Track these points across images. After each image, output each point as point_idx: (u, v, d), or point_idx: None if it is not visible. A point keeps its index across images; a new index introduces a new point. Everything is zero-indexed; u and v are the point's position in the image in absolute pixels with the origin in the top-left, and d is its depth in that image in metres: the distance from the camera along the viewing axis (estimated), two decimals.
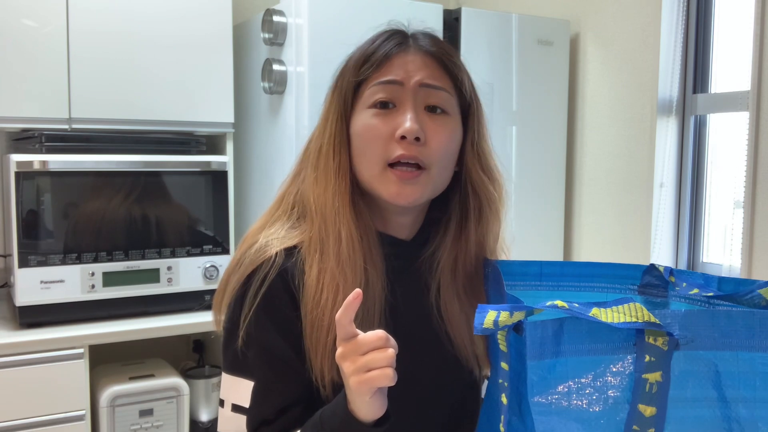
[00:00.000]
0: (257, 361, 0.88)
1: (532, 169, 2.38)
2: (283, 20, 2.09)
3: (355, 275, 0.86)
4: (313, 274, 0.87)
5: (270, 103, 2.23)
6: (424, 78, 0.88)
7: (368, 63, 0.89)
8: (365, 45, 0.92)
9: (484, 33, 2.24)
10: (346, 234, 0.87)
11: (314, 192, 0.90)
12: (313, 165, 0.92)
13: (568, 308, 0.65)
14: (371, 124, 0.88)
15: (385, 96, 0.88)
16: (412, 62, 0.89)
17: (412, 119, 0.86)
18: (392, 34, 0.92)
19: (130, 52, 2.11)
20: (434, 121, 0.89)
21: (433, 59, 0.90)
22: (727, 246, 1.99)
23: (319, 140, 0.92)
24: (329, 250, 0.87)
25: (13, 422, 1.84)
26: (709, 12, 2.14)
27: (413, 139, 0.86)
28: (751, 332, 0.66)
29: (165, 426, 2.08)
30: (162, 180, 2.11)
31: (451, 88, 0.91)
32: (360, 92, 0.90)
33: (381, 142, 0.87)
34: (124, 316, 2.06)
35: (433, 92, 0.88)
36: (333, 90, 0.93)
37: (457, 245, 0.95)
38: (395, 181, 0.87)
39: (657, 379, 0.66)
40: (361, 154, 0.89)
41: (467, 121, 0.94)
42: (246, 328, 0.88)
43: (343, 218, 0.88)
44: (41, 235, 1.95)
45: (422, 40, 0.92)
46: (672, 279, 0.89)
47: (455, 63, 0.92)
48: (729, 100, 2.05)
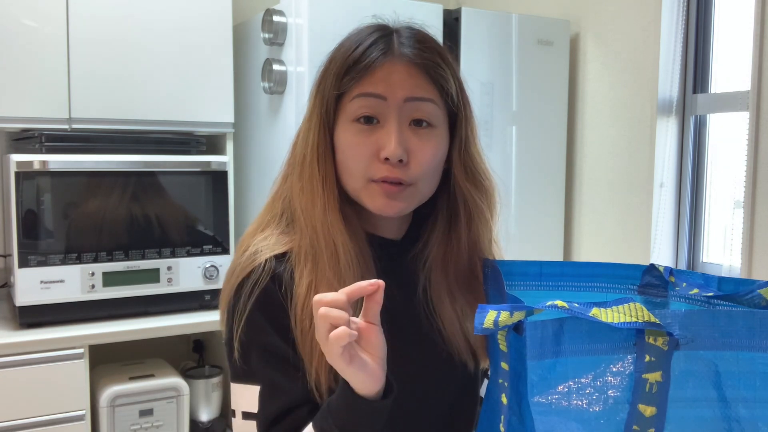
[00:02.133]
0: (259, 364, 0.87)
1: (532, 169, 2.38)
2: (283, 20, 2.09)
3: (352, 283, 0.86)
4: (303, 284, 0.86)
5: (270, 103, 2.23)
6: (408, 92, 0.85)
7: (350, 74, 0.86)
8: (347, 48, 0.88)
9: (484, 33, 2.24)
10: (341, 246, 0.86)
11: (301, 202, 0.89)
12: (298, 173, 0.90)
13: (568, 308, 0.65)
14: (354, 141, 0.86)
15: (368, 111, 0.85)
16: (397, 73, 0.85)
17: (396, 141, 0.84)
18: (376, 38, 0.87)
19: (130, 52, 2.11)
20: (419, 137, 0.86)
21: (418, 68, 0.86)
22: (727, 246, 1.99)
23: (303, 148, 0.90)
24: (323, 262, 0.86)
25: (13, 422, 1.84)
26: (709, 12, 2.14)
27: (396, 161, 0.85)
28: (752, 332, 0.66)
29: (165, 426, 2.08)
30: (162, 180, 2.11)
31: (437, 98, 0.88)
32: (342, 101, 0.87)
33: (364, 160, 0.86)
34: (124, 316, 2.06)
35: (418, 105, 0.86)
36: (315, 92, 0.90)
37: (446, 241, 0.94)
38: (380, 194, 0.86)
39: (657, 379, 0.66)
40: (345, 168, 0.88)
41: (455, 128, 0.91)
42: (243, 335, 0.87)
43: (336, 231, 0.87)
44: (41, 235, 1.95)
45: (407, 45, 0.87)
46: (672, 279, 0.89)
47: (442, 70, 0.88)
48: (729, 100, 2.05)
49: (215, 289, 2.18)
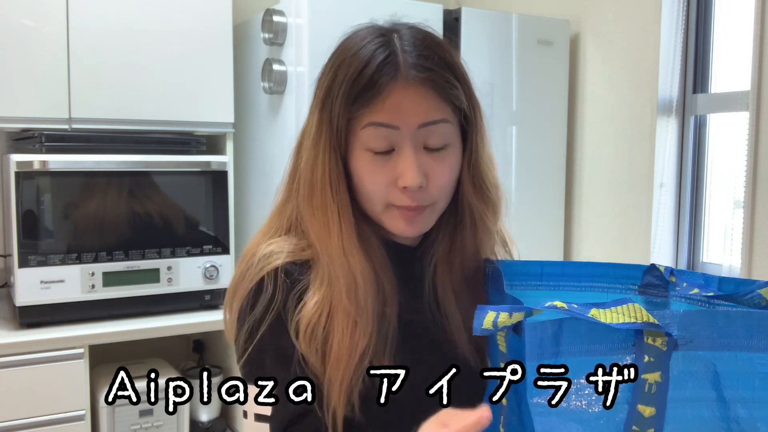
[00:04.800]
0: (274, 366, 0.86)
1: (532, 169, 2.38)
2: (283, 20, 2.09)
3: (371, 310, 0.85)
4: (312, 305, 0.85)
5: (270, 103, 2.23)
6: (422, 118, 0.82)
7: (359, 101, 0.82)
8: (355, 69, 0.82)
9: (484, 33, 2.24)
10: (359, 275, 0.85)
11: (314, 228, 0.86)
12: (307, 197, 0.87)
13: (567, 309, 0.65)
14: (370, 169, 0.84)
15: (382, 142, 0.83)
16: (408, 99, 0.81)
17: (414, 170, 0.82)
18: (382, 52, 0.82)
19: (130, 52, 2.11)
20: (435, 160, 0.85)
21: (428, 88, 0.82)
22: (727, 246, 1.99)
23: (312, 173, 0.86)
24: (339, 290, 0.84)
25: (13, 422, 1.84)
26: (709, 12, 2.14)
27: (417, 188, 0.83)
28: (750, 332, 0.66)
29: (165, 426, 2.08)
30: (162, 180, 2.11)
31: (450, 115, 0.85)
32: (352, 126, 0.84)
33: (382, 188, 0.84)
34: (124, 316, 2.06)
35: (432, 129, 0.83)
36: (321, 109, 0.85)
37: (451, 241, 0.93)
38: (401, 218, 0.85)
39: (656, 379, 0.66)
40: (363, 194, 0.86)
41: (466, 136, 0.89)
42: (260, 337, 0.86)
43: (354, 260, 0.85)
44: (41, 235, 1.95)
45: (412, 54, 0.83)
46: (672, 279, 0.89)
47: (453, 87, 0.84)
48: (729, 100, 2.05)
49: (215, 289, 2.18)
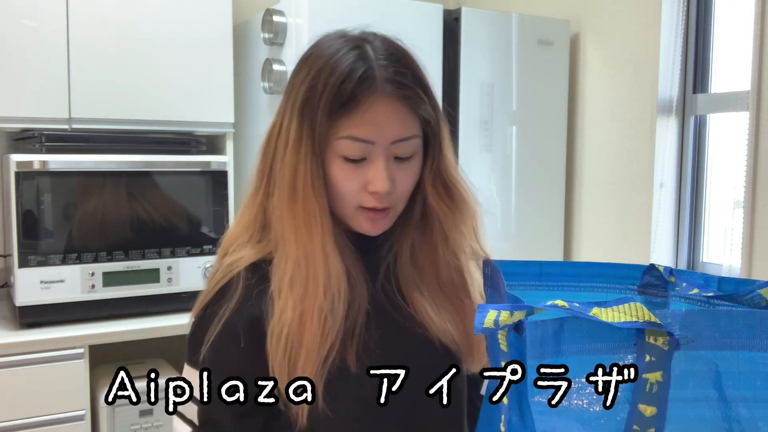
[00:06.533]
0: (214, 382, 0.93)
1: (532, 169, 2.38)
2: (283, 20, 2.09)
3: (342, 303, 0.91)
4: (289, 309, 0.89)
5: (270, 103, 2.23)
6: (396, 134, 0.89)
7: (339, 113, 0.88)
8: (335, 80, 0.88)
9: (484, 33, 2.24)
10: (334, 275, 0.91)
11: (294, 230, 0.91)
12: (287, 200, 0.92)
13: (568, 308, 0.65)
14: (344, 176, 0.91)
15: (357, 153, 0.90)
16: (383, 114, 0.88)
17: (384, 177, 0.89)
18: (362, 73, 0.88)
19: (130, 52, 2.11)
20: (402, 168, 0.92)
21: (403, 104, 0.90)
22: (727, 246, 1.99)
23: (292, 179, 0.91)
24: (315, 289, 0.90)
25: (13, 422, 1.84)
26: (709, 12, 2.14)
27: (385, 193, 0.91)
28: (752, 332, 0.66)
29: (165, 426, 2.08)
30: (162, 180, 2.11)
31: (418, 129, 0.93)
32: (328, 135, 0.90)
33: (354, 192, 0.91)
34: (124, 316, 2.06)
35: (404, 145, 0.91)
36: (300, 118, 0.92)
37: (415, 237, 0.99)
38: (366, 219, 0.93)
39: (657, 378, 0.66)
40: (336, 197, 0.93)
41: (428, 146, 0.95)
42: (209, 349, 0.94)
43: (333, 261, 0.91)
44: (41, 235, 1.95)
45: (386, 66, 0.89)
46: (672, 279, 0.89)
47: (423, 102, 0.92)
48: (729, 100, 2.05)
49: None
